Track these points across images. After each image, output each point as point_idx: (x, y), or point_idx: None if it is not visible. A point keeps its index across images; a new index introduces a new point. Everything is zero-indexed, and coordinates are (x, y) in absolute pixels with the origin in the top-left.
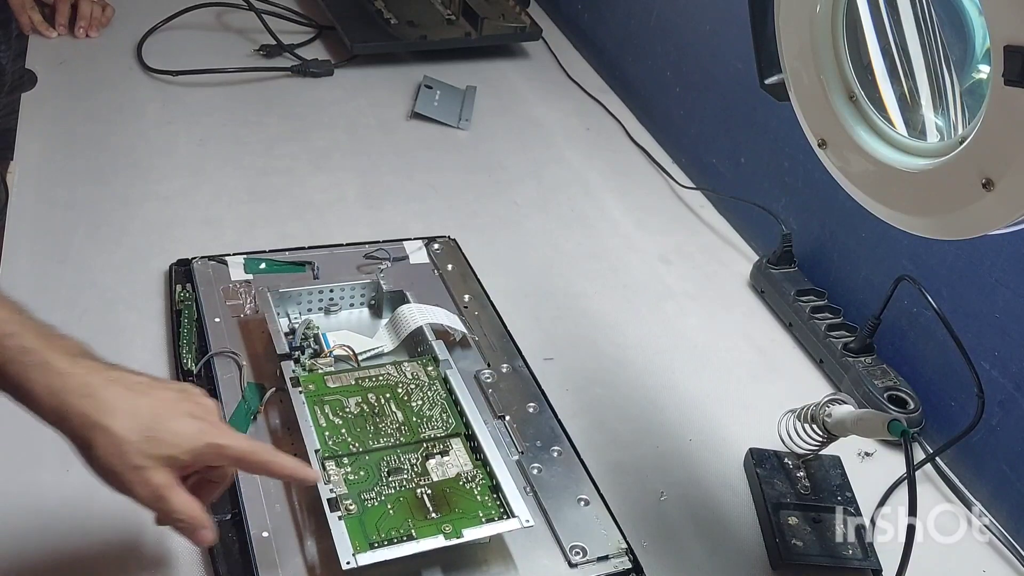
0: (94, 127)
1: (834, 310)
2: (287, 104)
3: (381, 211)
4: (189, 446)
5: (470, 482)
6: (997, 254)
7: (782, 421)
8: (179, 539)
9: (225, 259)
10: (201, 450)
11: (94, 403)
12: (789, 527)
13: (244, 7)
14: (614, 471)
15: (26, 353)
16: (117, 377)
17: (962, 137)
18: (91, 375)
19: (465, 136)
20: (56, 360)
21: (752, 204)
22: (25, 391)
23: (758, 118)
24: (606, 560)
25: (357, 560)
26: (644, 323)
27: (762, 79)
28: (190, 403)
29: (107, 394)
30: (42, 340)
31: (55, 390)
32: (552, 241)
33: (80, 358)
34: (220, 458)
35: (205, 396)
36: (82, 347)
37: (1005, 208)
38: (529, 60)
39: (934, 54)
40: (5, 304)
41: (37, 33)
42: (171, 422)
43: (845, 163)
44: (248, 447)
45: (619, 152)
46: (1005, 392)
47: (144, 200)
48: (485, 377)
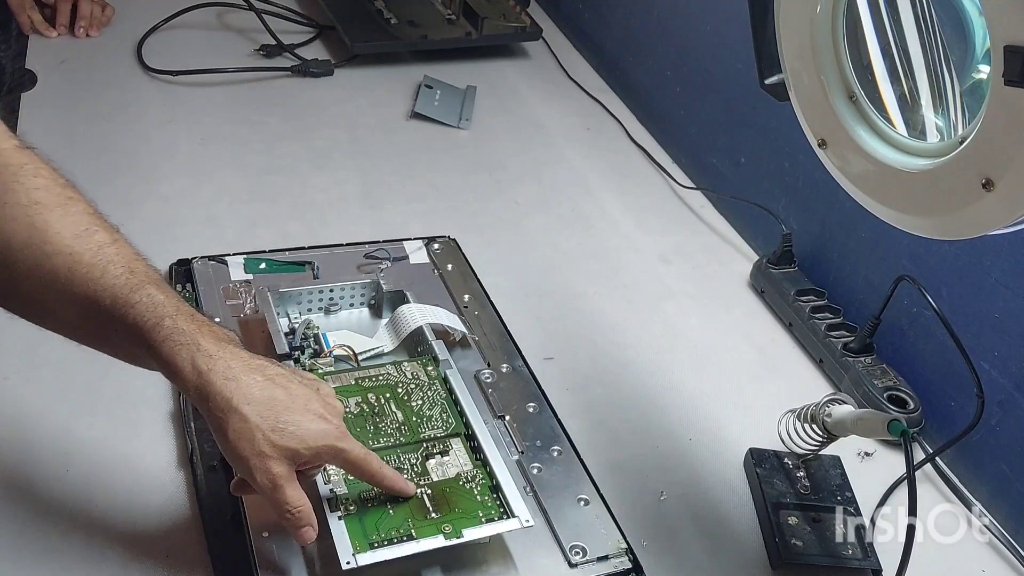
0: (94, 127)
1: (834, 310)
2: (287, 104)
3: (381, 211)
4: (313, 443)
5: (470, 482)
6: (997, 254)
7: (782, 421)
8: (179, 539)
9: (225, 259)
10: (321, 450)
11: (236, 387)
12: (789, 527)
13: (244, 7)
14: (614, 471)
15: (180, 334)
16: (259, 366)
17: (962, 137)
18: (235, 360)
19: (465, 136)
20: (205, 343)
21: (752, 204)
22: (175, 368)
23: (758, 118)
24: (606, 560)
25: (357, 560)
26: (644, 323)
27: (762, 79)
28: (321, 403)
29: (248, 380)
30: (194, 324)
31: (201, 371)
32: (552, 241)
33: (227, 343)
34: (336, 460)
35: (334, 397)
36: (230, 334)
37: (1005, 208)
38: (529, 60)
39: (934, 54)
40: (164, 290)
41: (37, 33)
42: (301, 418)
43: (845, 163)
44: (363, 455)
45: (619, 152)
46: (1005, 392)
47: (144, 200)
48: (485, 377)
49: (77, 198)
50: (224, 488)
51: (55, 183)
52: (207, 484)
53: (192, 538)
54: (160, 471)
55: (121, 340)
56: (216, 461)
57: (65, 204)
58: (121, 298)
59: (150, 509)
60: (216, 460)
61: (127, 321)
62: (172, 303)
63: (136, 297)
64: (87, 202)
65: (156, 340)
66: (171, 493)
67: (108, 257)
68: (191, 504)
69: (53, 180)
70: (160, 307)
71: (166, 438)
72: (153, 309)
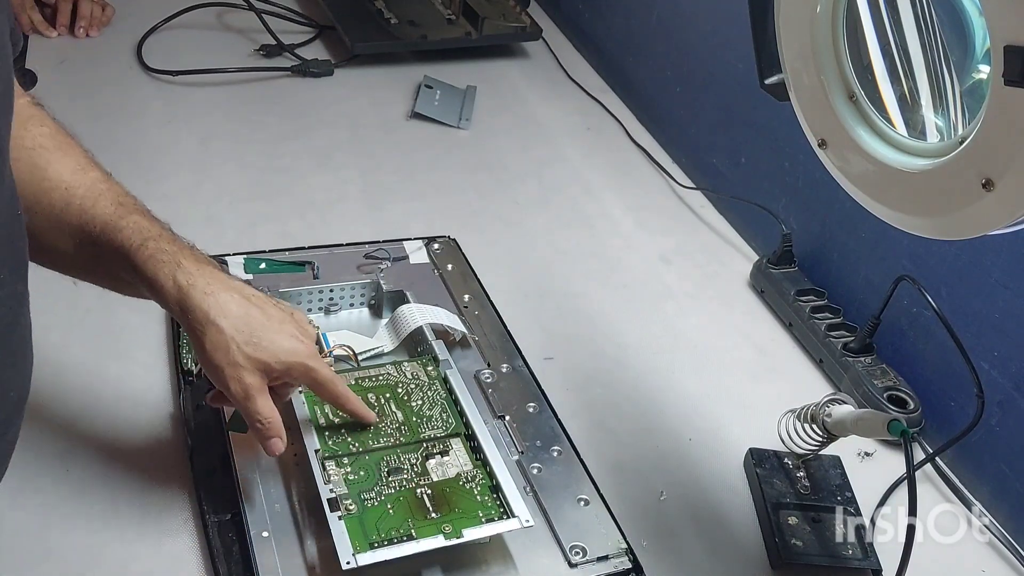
0: (94, 127)
1: (834, 310)
2: (287, 104)
3: (381, 211)
4: (285, 359)
5: (470, 482)
6: (997, 254)
7: (782, 421)
8: (178, 539)
9: (225, 259)
10: (293, 365)
11: (214, 302)
12: (789, 527)
13: (244, 7)
14: (614, 471)
15: (162, 253)
16: (237, 286)
17: (962, 137)
18: (214, 279)
19: (465, 136)
20: (186, 262)
21: (752, 204)
22: (158, 285)
23: (758, 118)
24: (606, 560)
25: (357, 560)
26: (644, 323)
27: (762, 79)
28: (295, 326)
29: (225, 297)
30: (176, 246)
31: (182, 287)
32: (552, 241)
33: (206, 264)
34: (305, 377)
35: (308, 323)
36: (208, 258)
37: (1005, 208)
38: (529, 60)
39: (934, 54)
40: (149, 218)
41: (37, 33)
42: (275, 335)
43: (845, 163)
44: (330, 376)
45: (619, 152)
46: (1005, 392)
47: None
48: (485, 377)
49: (75, 144)
50: (225, 489)
51: (58, 132)
52: (207, 484)
53: (192, 538)
54: (160, 471)
55: (110, 264)
56: (216, 461)
57: (64, 148)
58: (110, 224)
59: (150, 509)
60: (216, 460)
61: (114, 245)
62: (156, 228)
63: (123, 224)
64: (84, 149)
65: (140, 260)
66: (171, 493)
67: (100, 191)
68: (191, 504)
69: (56, 130)
70: (144, 231)
71: (166, 438)
72: (138, 232)
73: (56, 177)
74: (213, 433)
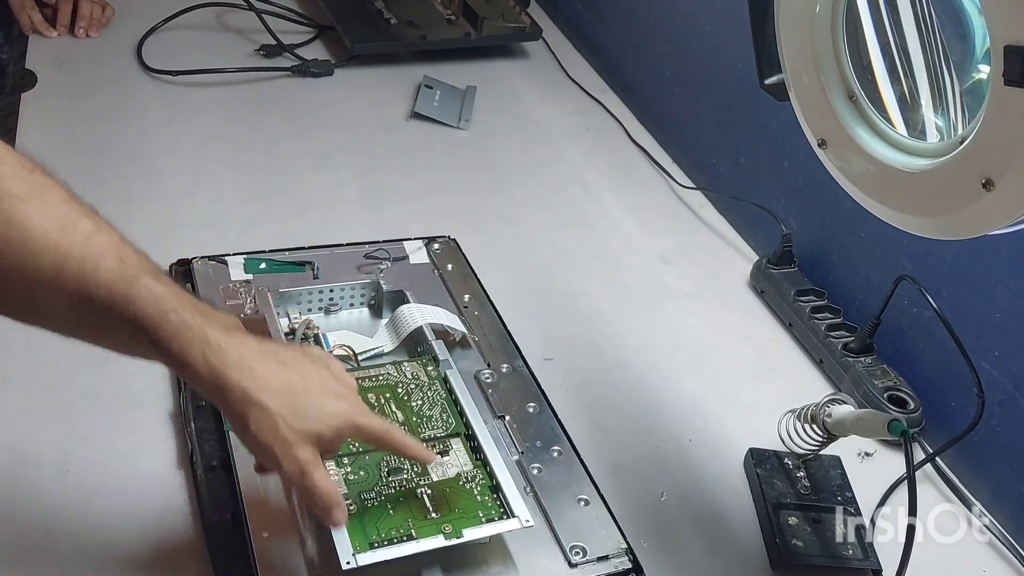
0: (94, 127)
1: (834, 310)
2: (287, 104)
3: (381, 211)
4: (334, 424)
5: (470, 482)
6: (997, 254)
7: (782, 421)
8: (178, 539)
9: (225, 259)
10: (343, 428)
11: (252, 379)
12: (789, 527)
13: (244, 7)
14: (614, 471)
15: (187, 329)
16: (270, 352)
17: (962, 137)
18: (246, 350)
19: (465, 136)
20: (214, 335)
21: (752, 204)
22: (187, 365)
23: (758, 118)
24: (606, 560)
25: (357, 560)
26: (644, 323)
27: (762, 79)
28: (334, 381)
29: (263, 371)
30: (200, 316)
31: (214, 365)
32: (552, 241)
33: (234, 331)
34: (358, 436)
35: (344, 372)
36: (235, 320)
37: (1005, 208)
38: (529, 60)
39: (934, 54)
40: (162, 280)
41: (37, 33)
42: (318, 399)
43: (845, 163)
44: (383, 428)
45: (619, 152)
46: (1005, 392)
47: (144, 200)
48: (485, 377)
49: (49, 183)
50: (224, 488)
51: (23, 168)
52: (207, 484)
53: (192, 538)
54: (160, 471)
55: (120, 334)
56: (216, 461)
57: (40, 193)
58: (118, 292)
59: (150, 509)
60: (216, 460)
61: (127, 316)
62: (172, 294)
63: (134, 292)
64: (59, 184)
65: (163, 336)
66: (171, 493)
67: (97, 248)
68: (191, 504)
69: (20, 165)
70: (161, 300)
71: (166, 438)
72: (154, 302)
73: (42, 237)
74: (213, 433)
